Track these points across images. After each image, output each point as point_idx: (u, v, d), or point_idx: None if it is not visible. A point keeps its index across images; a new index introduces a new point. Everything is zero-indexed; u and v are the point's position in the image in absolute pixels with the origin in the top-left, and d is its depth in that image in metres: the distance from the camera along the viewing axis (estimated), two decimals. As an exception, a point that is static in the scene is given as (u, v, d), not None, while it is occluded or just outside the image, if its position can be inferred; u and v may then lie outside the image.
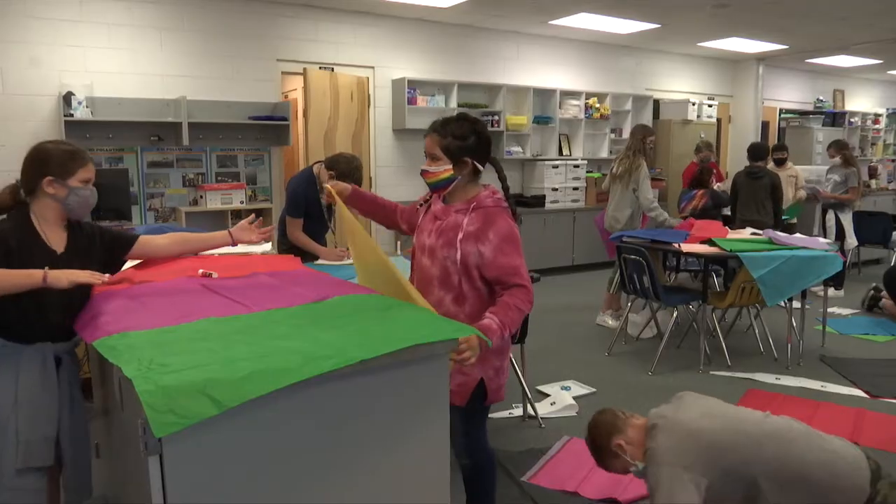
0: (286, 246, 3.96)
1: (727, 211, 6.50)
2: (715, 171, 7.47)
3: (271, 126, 6.50)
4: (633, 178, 5.44)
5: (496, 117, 7.83)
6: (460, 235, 2.17)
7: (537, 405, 3.83)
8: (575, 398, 4.01)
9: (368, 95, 7.12)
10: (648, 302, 5.08)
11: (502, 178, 2.38)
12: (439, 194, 2.29)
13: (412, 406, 1.80)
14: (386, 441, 1.76)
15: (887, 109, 12.89)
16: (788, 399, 4.10)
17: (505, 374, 2.30)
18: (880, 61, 10.71)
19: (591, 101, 8.61)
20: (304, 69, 6.42)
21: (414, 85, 7.29)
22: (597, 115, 8.66)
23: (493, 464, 2.39)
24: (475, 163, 2.22)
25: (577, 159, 8.48)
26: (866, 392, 4.23)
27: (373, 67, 7.19)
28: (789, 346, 4.82)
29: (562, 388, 4.18)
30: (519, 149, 8.14)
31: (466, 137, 2.20)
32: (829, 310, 5.88)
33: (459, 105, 7.53)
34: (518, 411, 3.81)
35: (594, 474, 3.08)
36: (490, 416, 3.72)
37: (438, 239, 2.23)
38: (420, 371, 1.79)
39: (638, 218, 5.58)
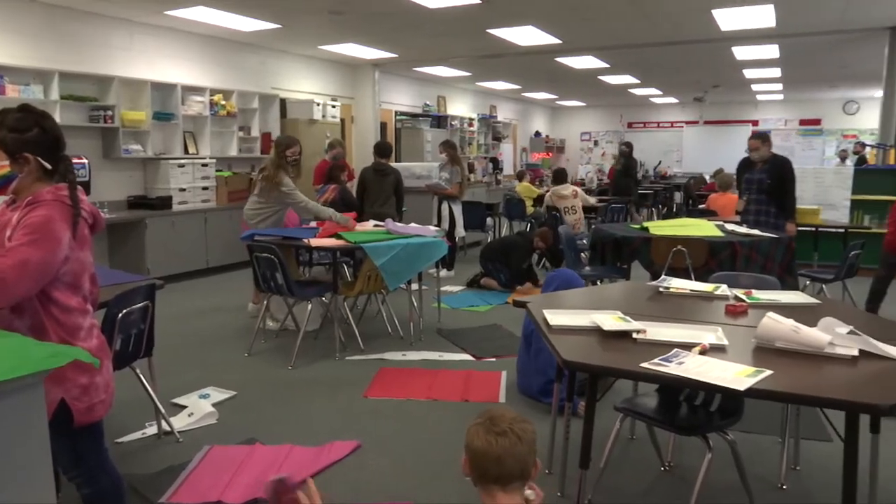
0: None
1: None
2: (346, 168, 7.92)
3: None
4: (279, 194, 5.32)
5: (110, 112, 7.11)
6: (8, 233, 1.91)
7: (173, 419, 3.61)
8: (214, 405, 3.89)
9: (-65, 81, 5.86)
10: (285, 297, 5.17)
11: (72, 184, 2.01)
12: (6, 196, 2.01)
13: (6, 446, 1.56)
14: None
15: (478, 115, 15.17)
16: (413, 371, 4.58)
17: (99, 392, 2.04)
18: (470, 73, 12.55)
19: (216, 98, 8.38)
20: None
21: (2, 71, 6.21)
22: (223, 112, 8.47)
23: (119, 488, 2.18)
24: (40, 160, 1.98)
25: (204, 158, 8.17)
26: (473, 355, 4.95)
27: (-61, 47, 5.93)
28: (412, 324, 5.39)
29: (200, 397, 4.02)
30: (139, 147, 7.52)
31: (27, 131, 1.97)
32: (443, 288, 6.72)
33: (63, 97, 6.66)
34: (152, 430, 3.55)
35: (237, 479, 3.04)
36: (119, 440, 3.44)
37: None
38: (9, 406, 1.56)
39: (280, 224, 5.55)
